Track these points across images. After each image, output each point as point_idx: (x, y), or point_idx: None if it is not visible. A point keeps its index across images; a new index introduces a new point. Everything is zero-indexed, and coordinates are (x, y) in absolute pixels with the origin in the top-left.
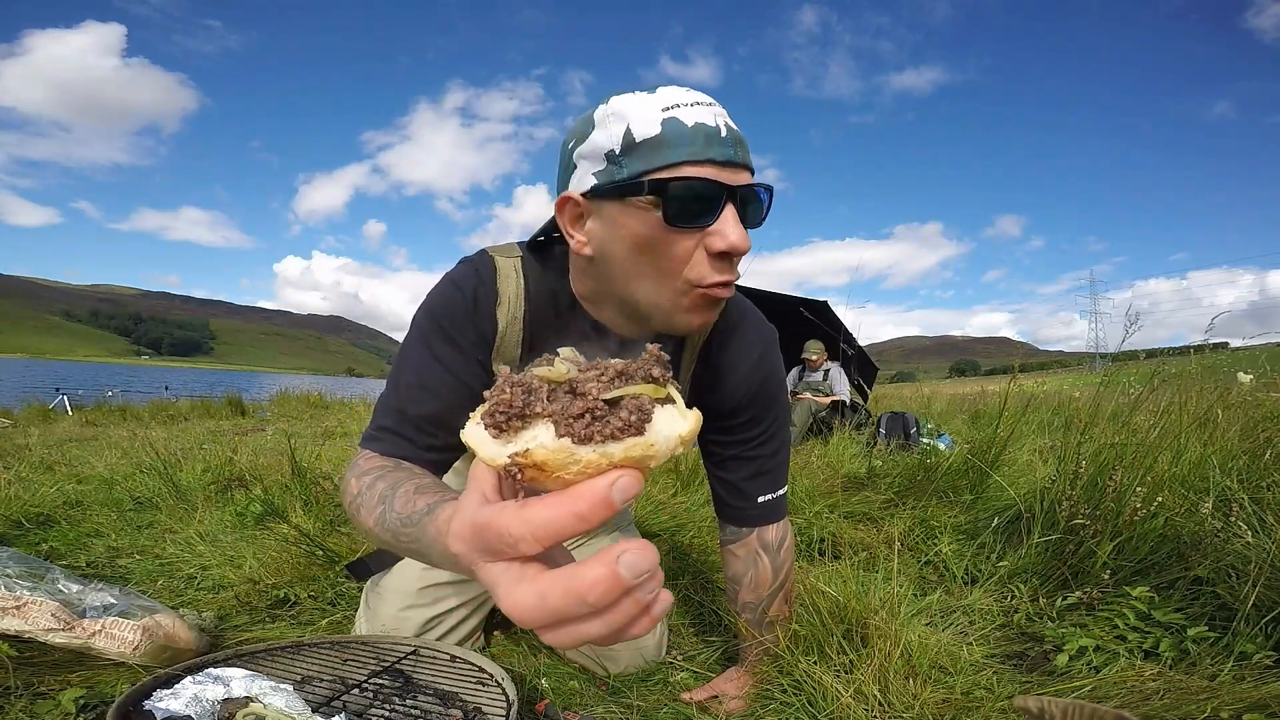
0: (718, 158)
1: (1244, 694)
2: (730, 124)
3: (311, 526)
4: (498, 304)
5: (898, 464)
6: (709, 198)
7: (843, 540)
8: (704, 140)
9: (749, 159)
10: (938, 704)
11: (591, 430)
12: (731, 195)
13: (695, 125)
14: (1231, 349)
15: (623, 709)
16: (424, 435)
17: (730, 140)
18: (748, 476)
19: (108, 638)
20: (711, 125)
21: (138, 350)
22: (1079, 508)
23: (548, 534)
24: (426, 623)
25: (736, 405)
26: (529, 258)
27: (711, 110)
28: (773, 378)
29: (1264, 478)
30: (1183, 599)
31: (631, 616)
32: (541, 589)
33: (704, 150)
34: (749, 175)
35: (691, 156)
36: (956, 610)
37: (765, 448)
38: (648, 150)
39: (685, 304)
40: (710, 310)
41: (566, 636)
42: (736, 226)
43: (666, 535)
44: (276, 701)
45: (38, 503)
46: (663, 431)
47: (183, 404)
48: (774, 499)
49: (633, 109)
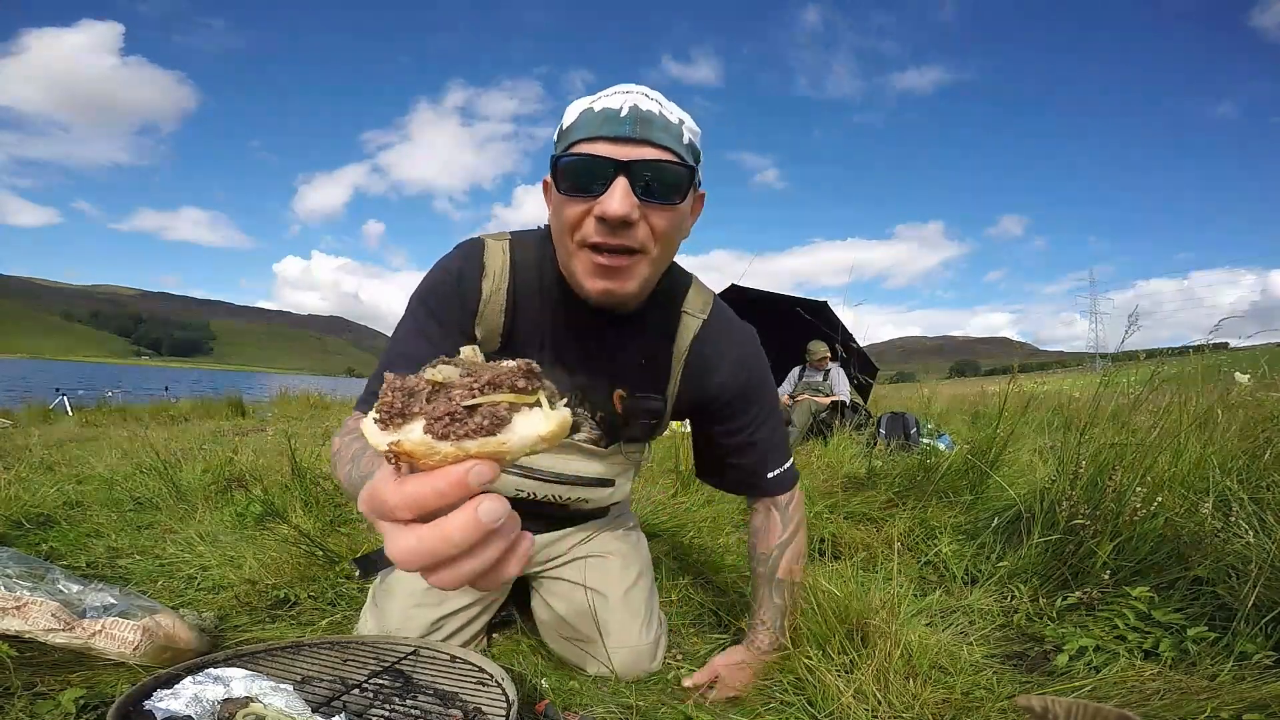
0: (609, 134)
1: (1244, 694)
2: (642, 105)
3: (311, 527)
4: (483, 276)
5: (898, 464)
6: (593, 170)
7: (843, 540)
8: (600, 121)
9: (658, 136)
10: (938, 704)
11: (449, 430)
12: (623, 168)
13: (601, 110)
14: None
15: (623, 709)
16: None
17: (630, 119)
18: (757, 459)
19: (108, 638)
20: (615, 108)
21: (138, 350)
22: (1079, 508)
23: (414, 504)
24: (434, 622)
25: (731, 396)
26: (519, 240)
27: (626, 97)
28: (758, 366)
29: (1264, 478)
30: (1183, 599)
31: (500, 553)
32: (419, 535)
33: (597, 129)
34: (654, 151)
35: (587, 135)
36: (956, 610)
37: (764, 428)
38: (566, 136)
39: (579, 267)
40: (605, 278)
41: (448, 575)
42: (623, 197)
43: (667, 535)
44: (276, 701)
45: (38, 503)
46: (519, 432)
47: (183, 404)
48: (783, 471)
49: (574, 105)
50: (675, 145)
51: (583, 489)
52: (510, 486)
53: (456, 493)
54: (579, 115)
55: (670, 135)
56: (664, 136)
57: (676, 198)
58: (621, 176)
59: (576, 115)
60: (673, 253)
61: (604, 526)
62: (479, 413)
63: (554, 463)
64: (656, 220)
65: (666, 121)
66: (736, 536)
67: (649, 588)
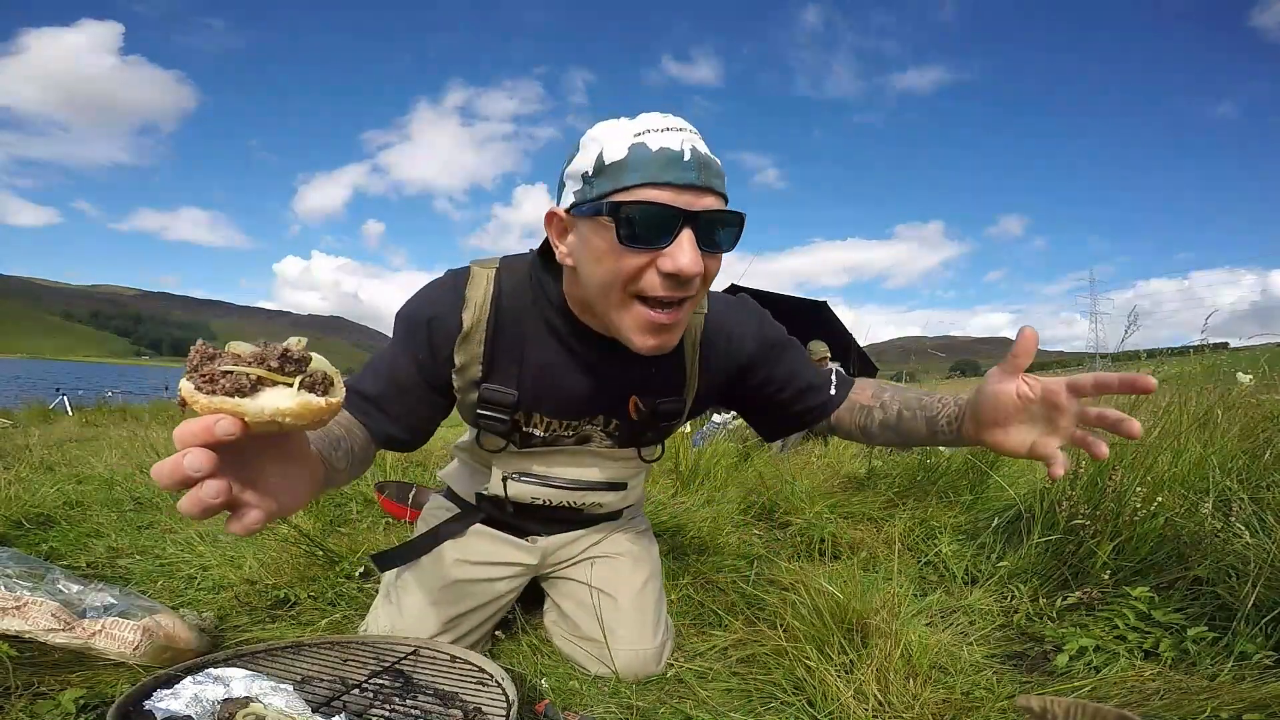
0: (676, 181)
1: (1244, 694)
2: (700, 148)
3: (311, 527)
4: (464, 308)
5: (898, 464)
6: (661, 220)
7: (843, 540)
8: (663, 163)
9: (715, 183)
10: (938, 704)
11: (203, 386)
12: (690, 220)
13: (659, 150)
14: (1231, 349)
15: (623, 709)
16: (360, 406)
17: (694, 164)
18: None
19: (108, 638)
20: (675, 150)
21: (138, 350)
22: (1079, 508)
23: (179, 438)
24: (450, 620)
25: (763, 359)
26: (508, 266)
27: (680, 135)
28: (771, 324)
29: (1264, 478)
30: (1183, 599)
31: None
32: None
33: (661, 173)
34: (714, 199)
35: (648, 179)
36: (956, 610)
37: (806, 369)
38: (614, 173)
39: (630, 321)
40: (657, 334)
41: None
42: (691, 251)
43: (667, 536)
44: (276, 701)
45: (38, 503)
46: (261, 401)
47: None
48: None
49: (608, 134)
50: (726, 191)
51: (597, 494)
52: (527, 496)
53: (205, 435)
54: (630, 152)
55: (723, 180)
56: (719, 183)
57: (729, 248)
58: (688, 228)
59: (626, 151)
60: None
61: (616, 529)
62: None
63: (569, 470)
64: (710, 267)
65: (719, 166)
66: (737, 536)
67: (658, 591)
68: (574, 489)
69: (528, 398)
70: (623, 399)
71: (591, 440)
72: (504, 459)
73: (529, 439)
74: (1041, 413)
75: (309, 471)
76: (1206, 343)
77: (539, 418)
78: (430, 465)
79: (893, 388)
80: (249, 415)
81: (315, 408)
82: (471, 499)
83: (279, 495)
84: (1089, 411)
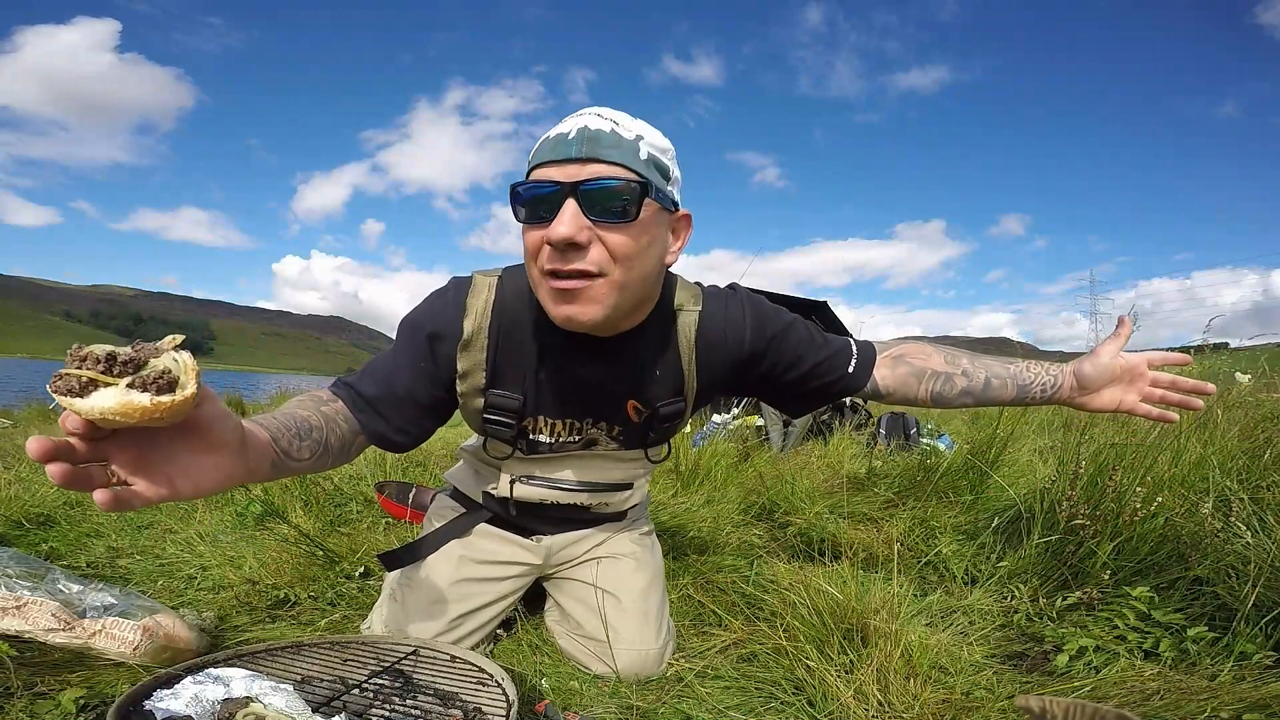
0: (557, 157)
1: (1244, 694)
2: (592, 126)
3: (311, 527)
4: (465, 316)
5: (898, 464)
6: (543, 195)
7: (843, 541)
8: (551, 146)
9: (606, 154)
10: (938, 704)
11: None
12: (570, 191)
13: (554, 136)
14: (1231, 349)
15: (623, 709)
16: (356, 403)
17: (577, 140)
18: (831, 366)
19: (108, 638)
20: (564, 131)
21: None
22: (1079, 508)
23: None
24: (455, 619)
25: (766, 345)
26: (511, 274)
27: (580, 119)
28: (771, 311)
29: (1264, 478)
30: (1183, 599)
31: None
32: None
33: (548, 155)
34: (602, 167)
35: (539, 162)
36: (956, 610)
37: (814, 346)
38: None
39: (544, 295)
40: (565, 302)
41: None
42: (570, 220)
43: (667, 535)
44: (276, 701)
45: (38, 503)
46: (90, 400)
47: None
48: (861, 353)
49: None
50: (629, 161)
51: (602, 494)
52: (535, 497)
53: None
54: (537, 145)
55: (623, 151)
56: (613, 153)
57: (629, 215)
58: (570, 199)
59: (536, 145)
60: (644, 275)
61: (621, 530)
62: (62, 380)
63: (577, 472)
64: (612, 240)
65: (618, 138)
66: (737, 536)
67: (661, 593)
68: (581, 490)
69: (532, 402)
70: (621, 403)
71: (598, 444)
72: (512, 463)
73: (535, 446)
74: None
75: (230, 460)
76: (1207, 343)
77: (544, 422)
78: (430, 465)
79: (967, 354)
80: (82, 414)
81: (139, 407)
82: (478, 498)
83: (180, 479)
84: (1161, 377)
